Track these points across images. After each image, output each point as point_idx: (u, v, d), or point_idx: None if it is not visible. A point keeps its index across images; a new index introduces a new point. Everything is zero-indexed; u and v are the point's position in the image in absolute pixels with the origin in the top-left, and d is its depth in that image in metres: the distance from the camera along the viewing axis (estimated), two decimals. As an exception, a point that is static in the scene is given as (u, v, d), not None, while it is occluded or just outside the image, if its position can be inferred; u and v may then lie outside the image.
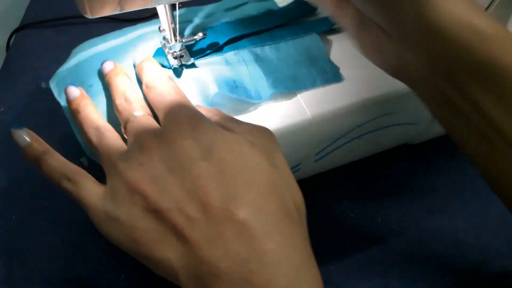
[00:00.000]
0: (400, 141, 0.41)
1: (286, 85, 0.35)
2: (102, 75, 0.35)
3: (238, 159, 0.25)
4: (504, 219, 0.37)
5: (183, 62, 0.35)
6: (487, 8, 0.35)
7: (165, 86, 0.31)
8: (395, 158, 0.41)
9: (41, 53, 0.53)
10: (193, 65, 0.36)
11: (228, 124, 0.29)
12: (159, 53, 0.36)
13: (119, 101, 0.31)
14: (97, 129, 0.30)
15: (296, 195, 0.26)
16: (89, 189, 0.27)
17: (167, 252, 0.24)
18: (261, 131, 0.28)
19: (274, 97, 0.34)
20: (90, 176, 0.28)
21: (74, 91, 0.33)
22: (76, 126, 0.32)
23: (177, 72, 0.35)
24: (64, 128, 0.43)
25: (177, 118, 0.27)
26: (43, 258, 0.35)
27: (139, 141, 0.27)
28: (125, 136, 0.30)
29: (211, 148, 0.26)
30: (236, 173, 0.25)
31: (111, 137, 0.29)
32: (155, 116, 0.30)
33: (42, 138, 0.43)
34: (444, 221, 0.37)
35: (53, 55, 0.52)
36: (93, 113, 0.31)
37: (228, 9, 0.41)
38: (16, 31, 0.56)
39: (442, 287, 0.34)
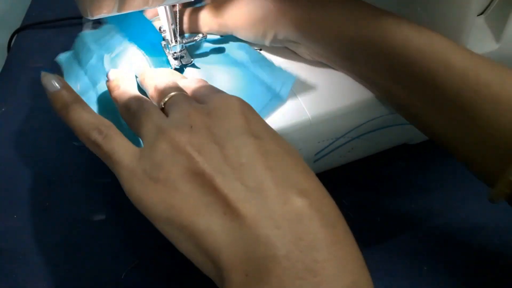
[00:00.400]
0: (399, 141, 0.42)
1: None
2: None
3: (294, 150, 0.24)
4: (504, 218, 0.37)
5: (183, 63, 0.35)
6: (486, 8, 0.35)
7: (202, 82, 0.30)
8: (395, 158, 0.41)
9: (42, 54, 0.53)
10: (193, 66, 0.36)
11: None
12: (156, 52, 0.36)
13: (162, 80, 0.29)
14: (138, 99, 0.28)
15: None
16: (123, 145, 0.25)
17: (211, 223, 0.21)
18: None
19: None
20: (121, 133, 0.26)
21: (116, 71, 0.32)
22: (114, 100, 0.30)
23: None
24: (65, 129, 0.43)
25: (225, 96, 0.25)
26: (43, 258, 0.35)
27: (185, 109, 0.25)
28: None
29: (266, 130, 0.24)
30: (295, 160, 0.23)
31: (153, 105, 0.27)
32: None
33: (44, 139, 0.43)
34: (444, 221, 0.37)
35: (54, 55, 0.52)
36: (132, 88, 0.30)
37: None
38: (17, 31, 0.56)
39: (441, 287, 0.34)
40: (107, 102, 0.34)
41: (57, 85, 0.27)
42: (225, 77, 0.35)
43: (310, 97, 0.34)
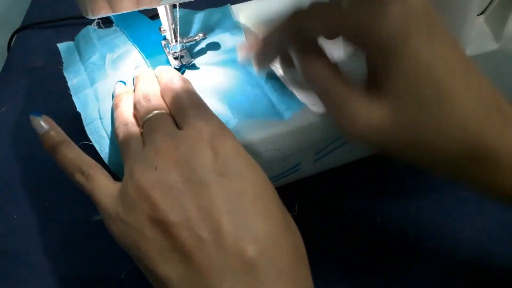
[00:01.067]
0: (400, 141, 0.41)
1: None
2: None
3: (258, 185, 0.24)
4: (503, 218, 0.37)
5: (183, 63, 0.35)
6: (486, 8, 0.35)
7: (184, 88, 0.29)
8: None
9: (42, 54, 0.53)
10: (193, 66, 0.36)
11: None
12: (155, 52, 0.36)
13: (137, 98, 0.30)
14: (126, 125, 0.29)
15: (299, 234, 0.25)
16: (102, 186, 0.26)
17: (169, 270, 0.23)
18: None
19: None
20: (104, 171, 0.27)
21: (120, 87, 0.33)
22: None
23: None
24: (65, 128, 0.43)
25: (198, 123, 0.26)
26: (43, 258, 0.35)
27: (156, 142, 0.26)
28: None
29: (232, 164, 0.24)
30: (256, 199, 0.23)
31: (133, 136, 0.28)
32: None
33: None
34: (444, 221, 0.37)
35: (53, 55, 0.52)
36: (127, 109, 0.30)
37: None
38: (17, 31, 0.56)
39: (441, 287, 0.34)
40: (103, 101, 0.34)
41: (45, 126, 0.28)
42: (227, 80, 0.35)
43: (310, 97, 0.34)
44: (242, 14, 0.40)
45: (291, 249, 0.23)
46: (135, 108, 0.30)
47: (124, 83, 0.33)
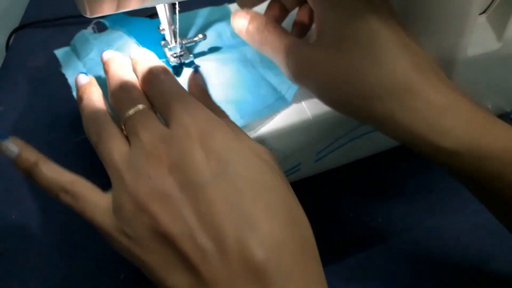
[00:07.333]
0: (400, 141, 0.41)
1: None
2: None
3: (256, 178, 0.23)
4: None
5: (182, 60, 0.35)
6: (487, 8, 0.35)
7: (167, 78, 0.28)
8: (395, 158, 0.41)
9: (41, 53, 0.53)
10: (192, 63, 0.36)
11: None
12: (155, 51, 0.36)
13: (114, 89, 0.28)
14: (97, 121, 0.27)
15: (307, 222, 0.24)
16: (92, 202, 0.25)
17: (178, 280, 0.22)
18: (267, 150, 0.26)
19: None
20: (89, 184, 0.26)
21: (83, 78, 0.30)
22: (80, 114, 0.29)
23: (176, 70, 0.35)
24: (63, 127, 0.43)
25: (184, 120, 0.24)
26: (42, 258, 0.35)
27: (145, 146, 0.24)
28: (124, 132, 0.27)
29: (225, 162, 0.23)
30: (255, 197, 0.22)
31: (113, 135, 0.26)
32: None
33: (41, 138, 0.43)
34: (444, 221, 0.37)
35: (52, 54, 0.52)
36: (95, 101, 0.28)
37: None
38: (15, 30, 0.56)
39: (442, 287, 0.34)
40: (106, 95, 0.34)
41: (14, 150, 0.26)
42: (229, 74, 0.35)
43: (311, 97, 0.34)
44: None
45: (299, 245, 0.22)
46: (112, 99, 0.28)
47: (86, 74, 0.32)
